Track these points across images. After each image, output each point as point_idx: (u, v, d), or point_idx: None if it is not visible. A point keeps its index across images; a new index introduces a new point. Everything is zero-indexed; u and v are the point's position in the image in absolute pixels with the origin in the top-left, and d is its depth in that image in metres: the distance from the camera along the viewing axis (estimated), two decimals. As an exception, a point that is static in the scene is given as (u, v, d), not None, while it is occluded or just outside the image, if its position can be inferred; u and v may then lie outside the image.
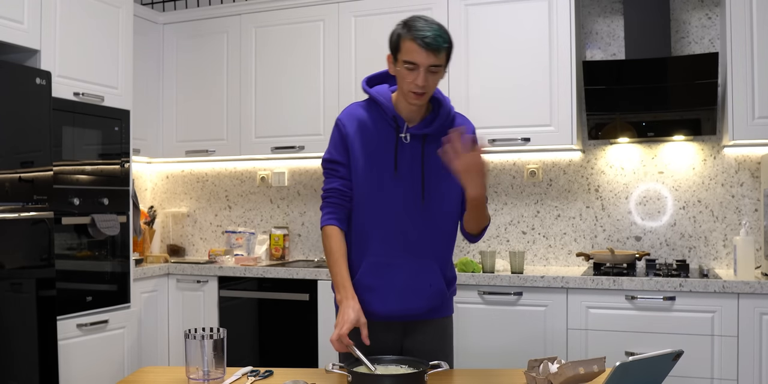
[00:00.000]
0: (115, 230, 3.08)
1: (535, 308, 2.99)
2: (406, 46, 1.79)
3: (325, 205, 1.96)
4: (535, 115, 3.23)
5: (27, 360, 2.57)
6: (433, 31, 1.78)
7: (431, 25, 1.79)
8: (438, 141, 1.88)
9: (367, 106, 1.97)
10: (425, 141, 1.92)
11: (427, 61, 1.78)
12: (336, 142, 1.97)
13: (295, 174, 4.03)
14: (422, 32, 1.77)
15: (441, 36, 1.78)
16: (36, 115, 2.66)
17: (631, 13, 3.20)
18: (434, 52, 1.77)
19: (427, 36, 1.76)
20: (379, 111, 1.94)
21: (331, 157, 1.97)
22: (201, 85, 3.89)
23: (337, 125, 1.98)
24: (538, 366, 1.66)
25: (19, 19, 2.69)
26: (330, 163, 1.97)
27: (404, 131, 1.91)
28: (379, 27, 3.49)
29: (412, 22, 1.81)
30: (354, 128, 1.93)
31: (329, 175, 1.97)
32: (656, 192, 3.38)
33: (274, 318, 3.43)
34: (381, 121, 1.93)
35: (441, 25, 1.83)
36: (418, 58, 1.78)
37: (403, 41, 1.80)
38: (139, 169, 4.21)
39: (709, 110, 3.04)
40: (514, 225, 3.59)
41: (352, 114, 1.97)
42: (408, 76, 1.81)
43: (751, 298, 2.71)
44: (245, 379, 1.79)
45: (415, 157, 1.91)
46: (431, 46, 1.76)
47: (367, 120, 1.94)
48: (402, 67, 1.81)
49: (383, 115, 1.93)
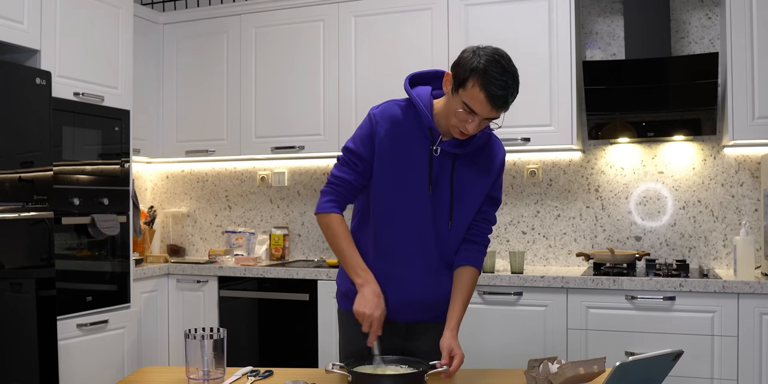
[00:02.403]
0: (115, 230, 3.08)
1: (535, 308, 2.99)
2: (473, 91, 1.68)
3: (331, 191, 1.88)
4: (535, 115, 3.23)
5: (27, 360, 2.57)
6: (506, 88, 1.66)
7: (507, 79, 1.66)
8: (468, 159, 1.86)
9: (405, 108, 1.87)
10: (455, 157, 1.86)
11: (488, 114, 1.70)
12: (364, 135, 1.86)
13: (295, 174, 4.03)
14: (495, 88, 1.65)
15: (512, 94, 1.68)
16: (36, 115, 2.66)
17: (631, 13, 3.20)
18: (499, 108, 1.69)
19: (498, 95, 1.66)
20: (415, 116, 1.85)
21: (355, 149, 1.86)
22: (201, 85, 3.89)
23: (369, 118, 1.87)
24: (538, 366, 1.66)
25: (19, 19, 2.69)
26: (351, 154, 1.87)
27: (437, 144, 1.83)
28: (379, 27, 3.50)
29: (489, 66, 1.66)
30: (386, 129, 1.84)
31: (346, 164, 1.87)
32: (656, 192, 3.39)
33: (274, 318, 3.43)
34: (415, 128, 1.84)
35: (516, 77, 1.70)
36: (479, 110, 1.69)
37: (473, 84, 1.67)
38: (139, 169, 4.21)
39: (709, 110, 3.04)
40: (514, 225, 3.59)
41: (388, 113, 1.86)
42: (461, 116, 1.72)
43: (751, 298, 2.71)
44: (245, 379, 1.79)
45: (444, 175, 1.85)
46: (498, 105, 1.68)
47: (401, 123, 1.85)
48: (460, 104, 1.71)
49: (419, 122, 1.84)
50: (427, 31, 3.40)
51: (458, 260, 1.92)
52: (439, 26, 3.38)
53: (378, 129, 1.85)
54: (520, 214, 3.58)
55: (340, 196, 1.88)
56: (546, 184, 3.55)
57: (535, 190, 3.56)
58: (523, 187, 3.58)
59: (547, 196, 3.54)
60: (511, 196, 3.59)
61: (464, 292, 1.89)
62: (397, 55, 3.43)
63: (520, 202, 3.58)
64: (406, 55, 3.43)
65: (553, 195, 3.53)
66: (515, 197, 3.59)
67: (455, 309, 1.87)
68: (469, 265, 1.91)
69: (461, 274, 1.91)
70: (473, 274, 1.92)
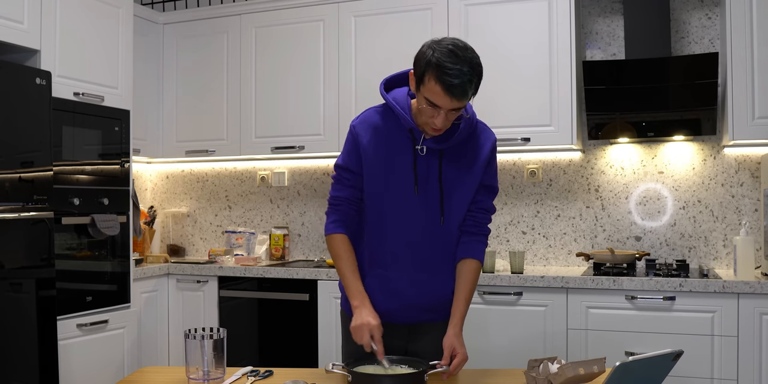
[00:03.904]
0: (115, 230, 3.08)
1: (535, 308, 2.99)
2: (430, 85, 1.68)
3: (332, 211, 1.92)
4: (535, 115, 3.23)
5: (27, 360, 2.57)
6: (461, 76, 1.64)
7: (462, 68, 1.65)
8: (455, 152, 1.86)
9: (384, 113, 1.89)
10: (442, 154, 1.86)
11: (450, 105, 1.69)
12: (349, 149, 1.89)
13: (295, 174, 4.03)
14: (450, 78, 1.64)
15: (470, 81, 1.66)
16: (36, 115, 2.66)
17: (631, 13, 3.20)
18: (459, 98, 1.68)
19: (454, 84, 1.64)
20: (395, 119, 1.86)
21: (344, 164, 1.90)
22: (201, 85, 3.89)
23: (351, 132, 1.90)
24: (538, 366, 1.66)
25: (19, 19, 2.69)
26: (342, 170, 1.91)
27: (420, 143, 1.84)
28: (379, 27, 3.50)
29: (443, 58, 1.65)
30: (368, 137, 1.86)
31: (339, 181, 1.92)
32: (656, 192, 3.39)
33: (274, 318, 3.43)
34: (397, 131, 1.86)
35: (474, 64, 1.67)
36: (440, 102, 1.69)
37: (429, 78, 1.67)
38: (139, 169, 4.21)
39: (709, 110, 3.04)
40: (514, 225, 3.59)
41: (367, 121, 1.89)
42: (427, 112, 1.73)
43: (751, 298, 2.71)
44: (245, 379, 1.79)
45: (432, 173, 1.86)
46: (456, 95, 1.67)
47: (382, 129, 1.86)
48: (423, 101, 1.72)
49: (400, 125, 1.85)
50: (427, 31, 3.40)
51: (458, 253, 1.92)
52: (439, 26, 3.38)
53: (360, 140, 1.87)
54: (520, 214, 3.58)
55: (342, 214, 1.91)
56: (546, 184, 3.55)
57: (535, 190, 3.56)
58: (523, 187, 3.58)
59: (547, 196, 3.54)
60: (511, 196, 3.59)
61: (466, 287, 1.89)
62: (397, 55, 3.43)
63: (520, 202, 3.58)
64: (406, 55, 3.39)
65: (553, 195, 3.53)
66: (515, 197, 3.59)
67: (458, 306, 1.88)
68: (469, 258, 1.91)
69: (462, 268, 1.91)
70: (474, 267, 1.91)
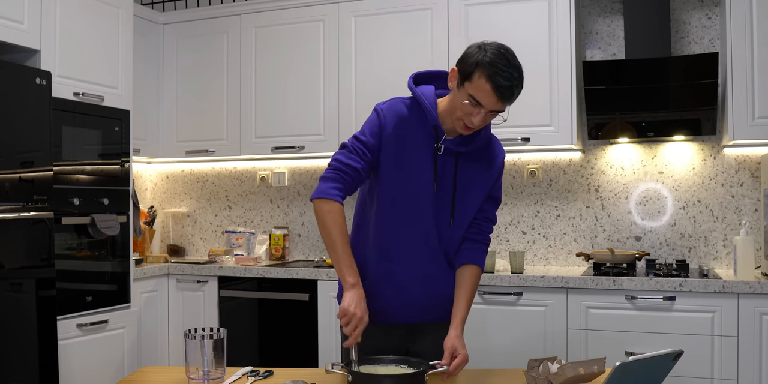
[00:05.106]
0: (115, 230, 3.08)
1: (535, 308, 2.99)
2: (479, 82, 1.69)
3: (337, 178, 1.81)
4: (535, 115, 3.23)
5: (27, 360, 2.57)
6: (513, 80, 1.68)
7: (512, 72, 1.69)
8: (470, 157, 1.87)
9: (410, 106, 1.87)
10: (458, 156, 1.86)
11: (493, 106, 1.71)
12: (373, 127, 1.85)
13: (295, 174, 4.03)
14: (502, 80, 1.67)
15: (517, 86, 1.70)
16: (36, 115, 2.66)
17: (631, 13, 3.20)
18: (505, 100, 1.70)
19: (505, 86, 1.67)
20: (420, 114, 1.85)
21: (366, 140, 1.84)
22: (201, 85, 3.89)
23: (377, 112, 1.87)
24: (538, 366, 1.66)
25: (19, 19, 2.69)
26: (361, 143, 1.84)
27: (441, 142, 1.84)
28: (379, 27, 3.50)
29: (496, 58, 1.69)
30: (393, 125, 1.84)
31: (354, 152, 1.83)
32: (656, 192, 3.39)
33: (274, 318, 3.43)
34: (420, 126, 1.84)
35: (521, 71, 1.72)
36: (485, 101, 1.70)
37: (479, 75, 1.69)
38: (139, 169, 4.21)
39: (709, 110, 3.04)
40: (514, 225, 3.59)
41: (394, 109, 1.86)
42: (467, 109, 1.73)
43: (751, 298, 2.71)
44: (245, 379, 1.79)
45: (447, 174, 1.86)
46: (504, 96, 1.69)
47: (407, 120, 1.85)
48: (466, 97, 1.72)
49: (424, 120, 1.84)
50: (427, 31, 3.40)
51: (460, 259, 1.92)
52: (439, 26, 3.38)
53: (386, 124, 1.84)
54: (520, 214, 3.58)
55: (347, 184, 1.81)
56: (546, 184, 3.55)
57: (535, 190, 3.56)
58: (523, 187, 3.58)
59: (547, 196, 3.54)
60: (511, 196, 3.59)
61: (467, 291, 1.89)
62: (397, 55, 3.43)
63: (520, 202, 3.58)
64: (406, 55, 3.43)
65: (553, 195, 3.53)
66: (515, 197, 3.59)
67: (459, 308, 1.87)
68: (472, 264, 1.91)
69: (463, 273, 1.91)
70: (476, 273, 1.92)
